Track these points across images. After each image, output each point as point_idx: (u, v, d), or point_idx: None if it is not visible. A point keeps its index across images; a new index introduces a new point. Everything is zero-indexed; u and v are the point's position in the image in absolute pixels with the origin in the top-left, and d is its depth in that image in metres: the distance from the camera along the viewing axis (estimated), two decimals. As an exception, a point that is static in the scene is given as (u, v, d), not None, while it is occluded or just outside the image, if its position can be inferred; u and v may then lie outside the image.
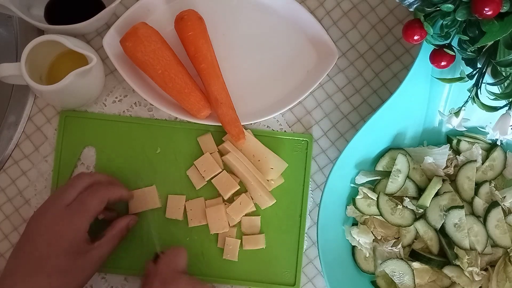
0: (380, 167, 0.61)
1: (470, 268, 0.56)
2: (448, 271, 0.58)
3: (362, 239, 0.59)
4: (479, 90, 0.52)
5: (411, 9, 0.51)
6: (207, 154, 0.61)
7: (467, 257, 0.57)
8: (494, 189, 0.59)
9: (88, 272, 0.52)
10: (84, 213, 0.52)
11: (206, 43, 0.60)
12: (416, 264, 0.58)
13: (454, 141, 0.61)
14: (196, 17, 0.59)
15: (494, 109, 0.52)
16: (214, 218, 0.60)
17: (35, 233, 0.51)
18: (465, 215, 0.57)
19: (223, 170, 0.61)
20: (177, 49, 0.60)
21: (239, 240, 0.61)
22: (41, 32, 0.61)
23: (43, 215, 0.52)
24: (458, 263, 0.57)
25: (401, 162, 0.59)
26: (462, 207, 0.57)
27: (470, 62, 0.52)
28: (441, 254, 0.59)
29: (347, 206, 0.61)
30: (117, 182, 0.59)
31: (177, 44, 0.60)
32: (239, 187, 0.61)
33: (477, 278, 0.56)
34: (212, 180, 0.61)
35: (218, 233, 0.61)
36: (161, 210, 0.61)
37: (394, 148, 0.61)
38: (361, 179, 0.59)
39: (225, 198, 0.61)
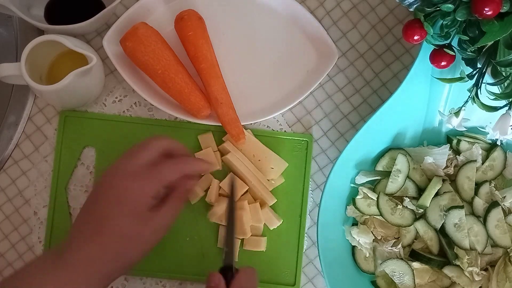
0: (380, 167, 0.61)
1: (470, 268, 0.56)
2: (448, 271, 0.58)
3: (362, 239, 0.59)
4: (479, 90, 0.52)
5: (411, 9, 0.51)
6: (209, 149, 0.61)
7: (467, 257, 0.57)
8: (494, 189, 0.59)
9: (150, 241, 0.49)
10: (156, 181, 0.49)
11: (206, 43, 0.60)
12: (416, 264, 0.58)
13: (454, 141, 0.61)
14: (196, 17, 0.59)
15: (494, 109, 0.52)
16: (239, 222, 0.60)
17: (102, 190, 0.49)
18: (465, 215, 0.57)
19: (230, 172, 0.61)
20: (177, 49, 0.60)
21: (239, 240, 0.61)
22: (41, 32, 0.61)
23: (114, 173, 0.49)
24: (458, 263, 0.57)
25: (401, 162, 0.59)
26: (462, 207, 0.57)
27: (470, 62, 0.52)
28: (441, 254, 0.59)
29: (347, 206, 0.61)
30: (190, 154, 0.56)
31: (177, 44, 0.60)
32: (248, 187, 0.61)
33: (477, 278, 0.56)
34: (220, 184, 0.60)
35: (219, 233, 0.61)
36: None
37: (394, 148, 0.61)
38: (361, 179, 0.59)
39: (235, 200, 0.60)
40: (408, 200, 0.58)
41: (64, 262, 0.46)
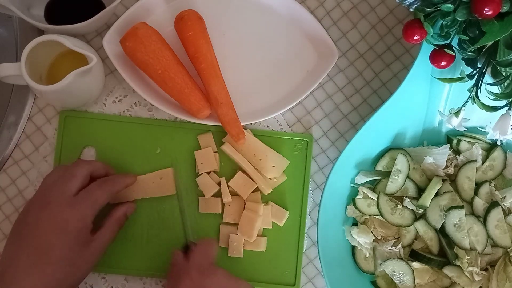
0: (380, 167, 0.61)
1: (470, 268, 0.56)
2: (448, 271, 0.58)
3: (362, 239, 0.59)
4: (479, 90, 0.52)
5: (411, 9, 0.51)
6: (209, 149, 0.61)
7: (467, 257, 0.57)
8: (494, 189, 0.59)
9: (90, 263, 0.52)
10: (92, 205, 0.52)
11: (206, 43, 0.60)
12: (416, 264, 0.58)
13: (454, 141, 0.61)
14: (196, 17, 0.59)
15: (494, 109, 0.52)
16: (247, 224, 0.60)
17: (38, 221, 0.50)
18: (465, 215, 0.57)
19: (238, 171, 0.61)
20: (177, 49, 0.60)
21: (243, 237, 0.61)
22: (41, 32, 0.61)
23: (47, 204, 0.51)
24: (458, 263, 0.57)
25: (401, 162, 0.59)
26: (462, 207, 0.57)
27: (470, 62, 0.52)
28: (441, 254, 0.59)
29: (347, 206, 0.61)
30: (113, 170, 0.59)
31: (177, 44, 0.60)
32: (256, 185, 0.61)
33: (477, 278, 0.56)
34: (229, 183, 0.61)
35: (220, 233, 0.61)
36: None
37: (394, 148, 0.61)
38: (361, 179, 0.59)
39: (245, 198, 0.61)
40: (408, 200, 0.58)
41: None
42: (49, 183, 0.53)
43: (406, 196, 0.59)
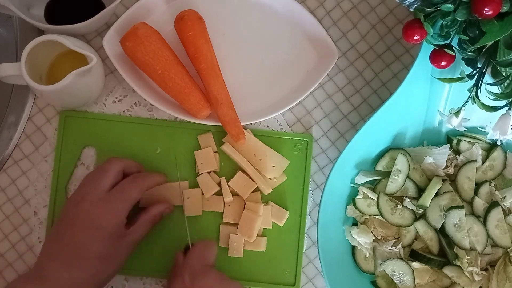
0: (380, 167, 0.61)
1: (470, 268, 0.56)
2: (448, 271, 0.58)
3: (362, 239, 0.59)
4: (479, 90, 0.52)
5: (411, 9, 0.51)
6: (209, 149, 0.61)
7: (467, 257, 0.57)
8: (494, 189, 0.59)
9: (123, 256, 0.54)
10: (124, 201, 0.53)
11: (206, 43, 0.60)
12: (416, 264, 0.58)
13: (454, 141, 0.61)
14: (196, 17, 0.59)
15: (494, 109, 0.52)
16: (247, 223, 0.60)
17: (75, 218, 0.52)
18: (465, 215, 0.57)
19: (238, 171, 0.62)
20: (177, 49, 0.60)
21: (243, 237, 0.61)
22: (41, 32, 0.61)
23: (82, 201, 0.52)
24: (458, 263, 0.57)
25: (401, 162, 0.59)
26: (462, 207, 0.57)
27: (470, 62, 0.52)
28: (441, 254, 0.59)
29: (347, 206, 0.61)
30: (143, 168, 0.60)
31: (177, 44, 0.60)
32: (256, 185, 0.61)
33: (477, 278, 0.56)
34: (229, 183, 0.61)
35: (220, 232, 0.61)
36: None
37: (394, 148, 0.61)
38: (361, 179, 0.59)
39: (245, 198, 0.61)
40: (408, 200, 0.58)
41: (47, 281, 0.49)
42: (85, 181, 0.55)
43: (406, 196, 0.59)
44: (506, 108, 0.52)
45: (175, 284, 0.52)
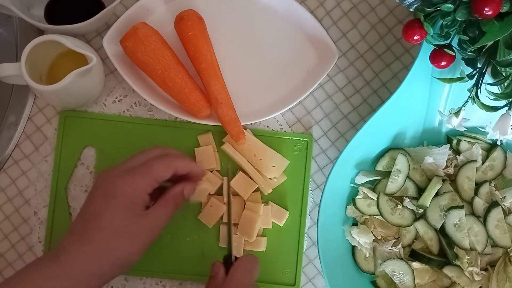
0: (380, 167, 0.61)
1: (470, 268, 0.56)
2: (448, 271, 0.58)
3: (362, 239, 0.59)
4: (479, 90, 0.52)
5: (411, 9, 0.51)
6: (209, 147, 0.61)
7: (467, 257, 0.57)
8: (494, 189, 0.59)
9: (141, 238, 0.49)
10: (147, 174, 0.49)
11: (206, 43, 0.60)
12: (416, 264, 0.58)
13: (454, 141, 0.61)
14: (196, 17, 0.59)
15: (494, 109, 0.52)
16: (247, 224, 0.60)
17: (95, 189, 0.50)
18: (465, 215, 0.57)
19: (239, 171, 0.61)
20: (177, 49, 0.60)
21: (243, 237, 0.61)
22: (41, 32, 0.61)
23: (107, 172, 0.50)
24: (458, 263, 0.57)
25: (401, 162, 0.59)
26: (462, 207, 0.57)
27: (470, 62, 0.52)
28: (441, 254, 0.59)
29: (347, 206, 0.61)
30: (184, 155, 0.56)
31: (177, 44, 0.60)
32: (257, 185, 0.61)
33: (477, 278, 0.56)
34: (230, 183, 0.60)
35: (220, 232, 0.61)
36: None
37: (394, 148, 0.61)
38: (361, 179, 0.59)
39: (245, 198, 0.61)
40: (408, 200, 0.58)
41: (58, 262, 0.47)
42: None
43: (406, 196, 0.59)
44: (506, 108, 0.52)
45: None
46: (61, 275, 0.46)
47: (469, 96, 0.53)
